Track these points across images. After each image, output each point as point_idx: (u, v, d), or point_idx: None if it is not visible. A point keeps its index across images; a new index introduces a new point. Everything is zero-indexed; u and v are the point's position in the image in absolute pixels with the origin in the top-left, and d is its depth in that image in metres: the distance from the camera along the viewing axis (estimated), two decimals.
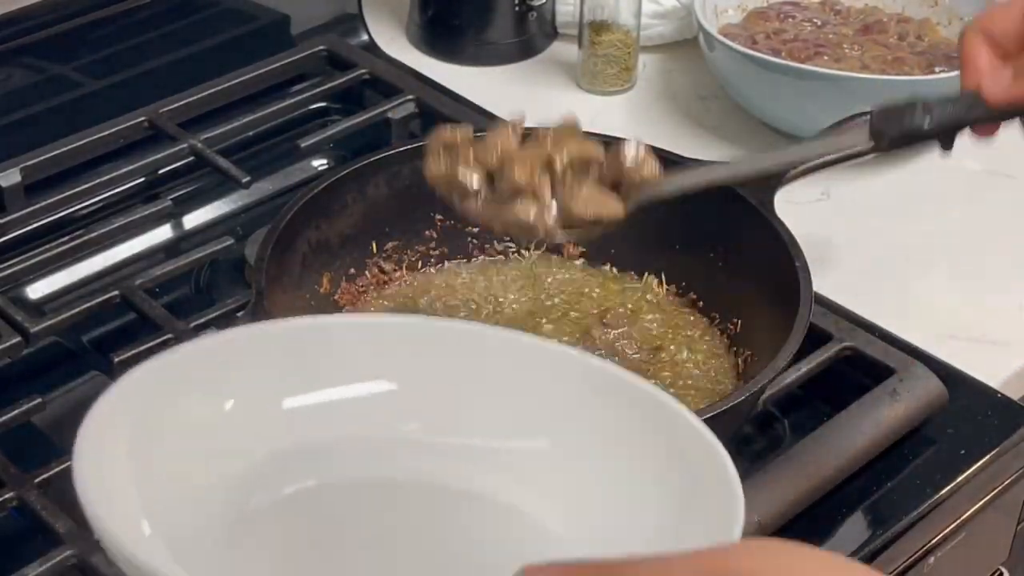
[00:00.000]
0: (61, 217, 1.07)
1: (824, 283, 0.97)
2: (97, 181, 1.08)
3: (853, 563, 0.56)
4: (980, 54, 0.80)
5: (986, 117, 0.80)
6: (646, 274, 1.02)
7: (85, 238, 1.03)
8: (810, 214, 0.97)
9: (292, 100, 1.18)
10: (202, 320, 0.96)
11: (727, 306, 0.97)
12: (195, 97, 1.16)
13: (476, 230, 1.03)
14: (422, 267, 1.02)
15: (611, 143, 0.85)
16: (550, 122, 0.86)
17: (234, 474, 0.70)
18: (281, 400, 0.72)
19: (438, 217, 1.02)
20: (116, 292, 0.98)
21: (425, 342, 0.75)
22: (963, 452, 0.92)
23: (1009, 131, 0.95)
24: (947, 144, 0.84)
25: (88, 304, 0.97)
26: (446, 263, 1.03)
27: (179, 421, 0.69)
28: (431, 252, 1.02)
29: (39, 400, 0.90)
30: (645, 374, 0.94)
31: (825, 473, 0.87)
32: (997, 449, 0.92)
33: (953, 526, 0.92)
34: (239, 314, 0.88)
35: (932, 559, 0.91)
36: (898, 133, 0.82)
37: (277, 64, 1.21)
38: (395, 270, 1.01)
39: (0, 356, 0.94)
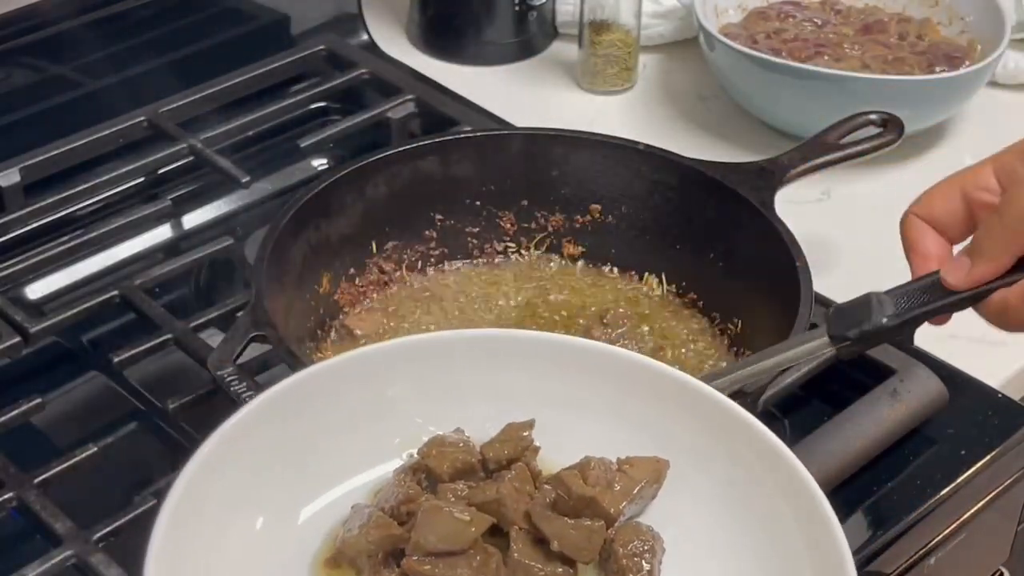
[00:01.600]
0: (61, 217, 1.06)
1: (824, 283, 0.97)
2: (97, 181, 1.08)
3: None
4: (926, 240, 0.77)
5: (949, 306, 0.75)
6: (646, 274, 1.02)
7: (85, 238, 1.03)
8: (810, 214, 0.97)
9: (292, 100, 1.18)
10: (202, 320, 0.96)
11: (727, 306, 0.97)
12: (195, 97, 1.15)
13: (476, 230, 1.03)
14: (422, 267, 1.02)
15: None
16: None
17: None
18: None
19: (438, 217, 1.02)
20: (116, 292, 0.98)
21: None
22: (963, 452, 0.92)
23: (1010, 130, 0.96)
24: (908, 339, 0.79)
25: (88, 304, 0.97)
26: (446, 263, 1.03)
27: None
28: (431, 252, 1.02)
29: (39, 400, 0.90)
30: None
31: (825, 473, 0.86)
32: (997, 449, 0.92)
33: (953, 526, 0.92)
34: (239, 314, 0.88)
35: (932, 559, 0.91)
36: (856, 334, 0.76)
37: (277, 64, 1.21)
38: (395, 270, 1.01)
39: (0, 356, 0.94)
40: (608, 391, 0.75)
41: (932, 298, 0.75)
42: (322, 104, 1.21)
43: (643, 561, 0.69)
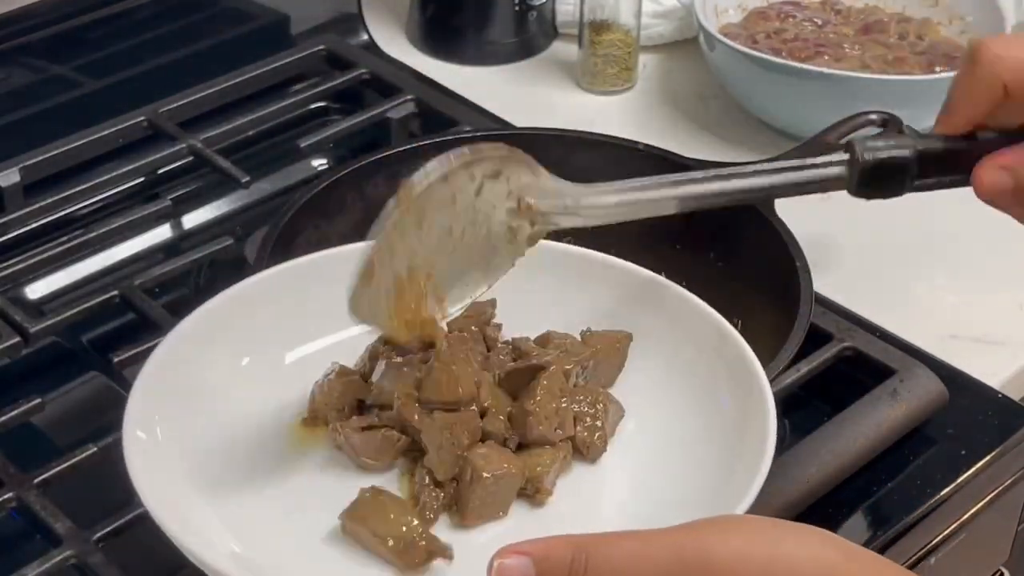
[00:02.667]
0: (60, 217, 1.06)
1: (824, 283, 0.97)
2: (97, 181, 1.08)
3: (829, 537, 0.56)
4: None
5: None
6: None
7: (84, 238, 1.03)
8: (810, 214, 0.97)
9: (292, 100, 1.18)
10: None
11: (727, 306, 0.97)
12: (195, 97, 1.15)
13: None
14: None
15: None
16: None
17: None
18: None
19: None
20: (115, 292, 0.98)
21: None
22: (963, 452, 0.92)
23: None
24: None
25: (87, 304, 0.97)
26: None
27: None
28: None
29: (38, 400, 0.90)
30: None
31: (825, 473, 0.87)
32: (997, 449, 0.92)
33: (954, 526, 0.92)
34: None
35: (933, 559, 0.91)
36: (873, 157, 0.73)
37: (277, 64, 1.21)
38: None
39: (0, 356, 0.94)
40: (569, 283, 0.82)
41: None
42: (322, 104, 1.21)
43: (593, 417, 0.74)
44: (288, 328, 0.80)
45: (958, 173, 0.74)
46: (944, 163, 0.74)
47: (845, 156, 0.75)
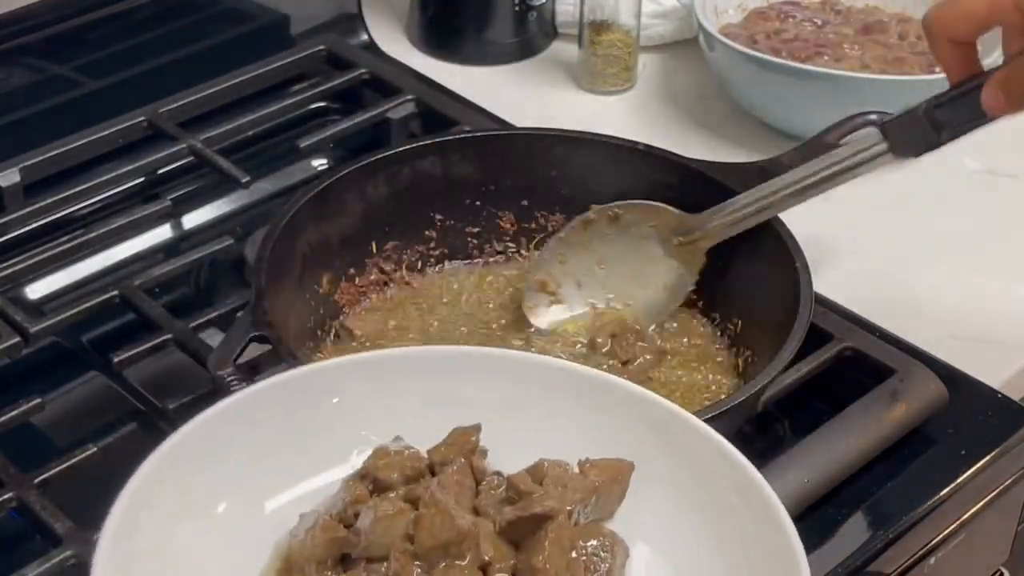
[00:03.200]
0: (61, 217, 1.06)
1: (824, 283, 0.97)
2: (97, 181, 1.08)
3: None
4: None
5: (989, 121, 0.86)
6: None
7: (84, 238, 1.03)
8: (810, 214, 0.97)
9: (292, 100, 1.18)
10: (202, 320, 0.96)
11: (727, 306, 0.97)
12: (195, 97, 1.15)
13: (476, 230, 1.03)
14: (422, 267, 1.02)
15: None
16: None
17: None
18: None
19: (438, 217, 1.02)
20: (116, 292, 0.98)
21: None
22: (963, 452, 0.92)
23: (1010, 130, 0.96)
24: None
25: (87, 304, 0.97)
26: (446, 263, 1.03)
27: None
28: (431, 252, 1.02)
29: (39, 400, 0.90)
30: (645, 374, 0.94)
31: (825, 473, 0.86)
32: (997, 449, 0.92)
33: (953, 526, 0.92)
34: (239, 314, 0.88)
35: (933, 559, 0.91)
36: (920, 149, 0.89)
37: (277, 64, 1.21)
38: (395, 270, 1.01)
39: (0, 356, 0.94)
40: (558, 403, 0.75)
41: (979, 115, 0.86)
42: (322, 104, 1.21)
43: (601, 562, 0.69)
44: (269, 468, 0.73)
45: (969, 108, 0.86)
46: (955, 103, 0.87)
47: (880, 136, 0.91)
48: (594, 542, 0.69)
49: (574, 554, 0.68)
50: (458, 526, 0.66)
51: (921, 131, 0.88)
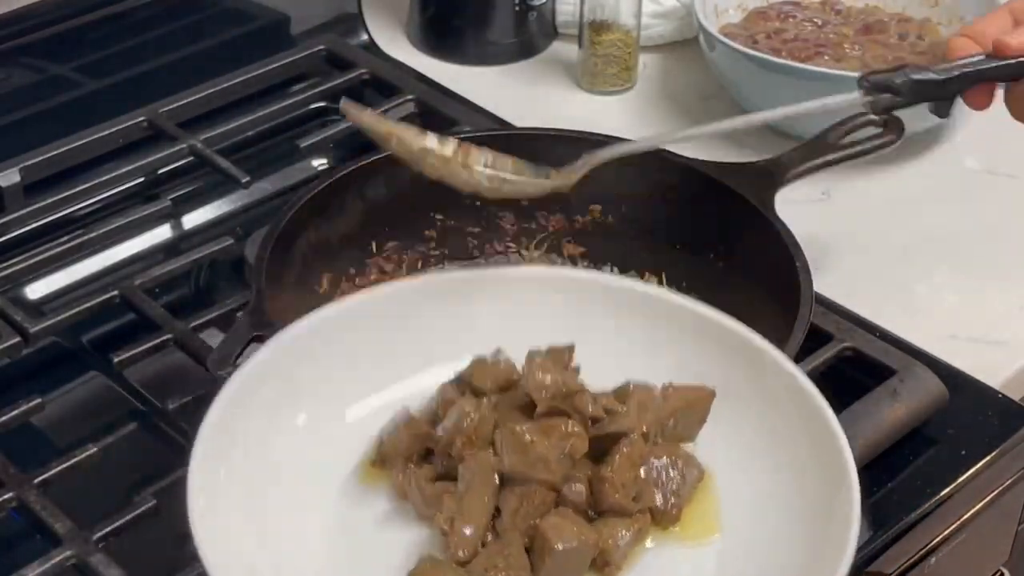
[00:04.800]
0: (61, 217, 1.06)
1: (824, 283, 0.97)
2: (97, 181, 1.08)
3: None
4: (971, 49, 0.84)
5: (994, 71, 0.81)
6: (646, 274, 1.01)
7: (85, 238, 1.03)
8: (810, 214, 0.97)
9: (292, 100, 1.18)
10: (201, 320, 0.96)
11: (727, 306, 0.97)
12: (195, 97, 1.15)
13: (476, 230, 1.03)
14: (422, 267, 1.02)
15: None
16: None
17: None
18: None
19: (438, 217, 1.02)
20: (116, 292, 0.98)
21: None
22: (963, 452, 0.92)
23: (1010, 130, 0.96)
24: (946, 106, 0.86)
25: (88, 304, 0.97)
26: (446, 263, 1.03)
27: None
28: (431, 252, 1.02)
29: (39, 400, 0.90)
30: None
31: None
32: (997, 450, 0.92)
33: (954, 527, 0.92)
34: (239, 314, 0.88)
35: (933, 560, 0.91)
36: (903, 81, 0.82)
37: (277, 64, 1.21)
38: (395, 270, 1.01)
39: (0, 356, 0.94)
40: (653, 329, 0.79)
41: (980, 63, 0.81)
42: (322, 104, 1.20)
43: (670, 480, 0.72)
44: (346, 379, 0.78)
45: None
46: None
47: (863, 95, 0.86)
48: (665, 460, 0.72)
49: (643, 469, 0.71)
50: (549, 470, 0.70)
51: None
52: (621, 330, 0.79)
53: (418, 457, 0.73)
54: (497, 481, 0.70)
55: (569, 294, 0.80)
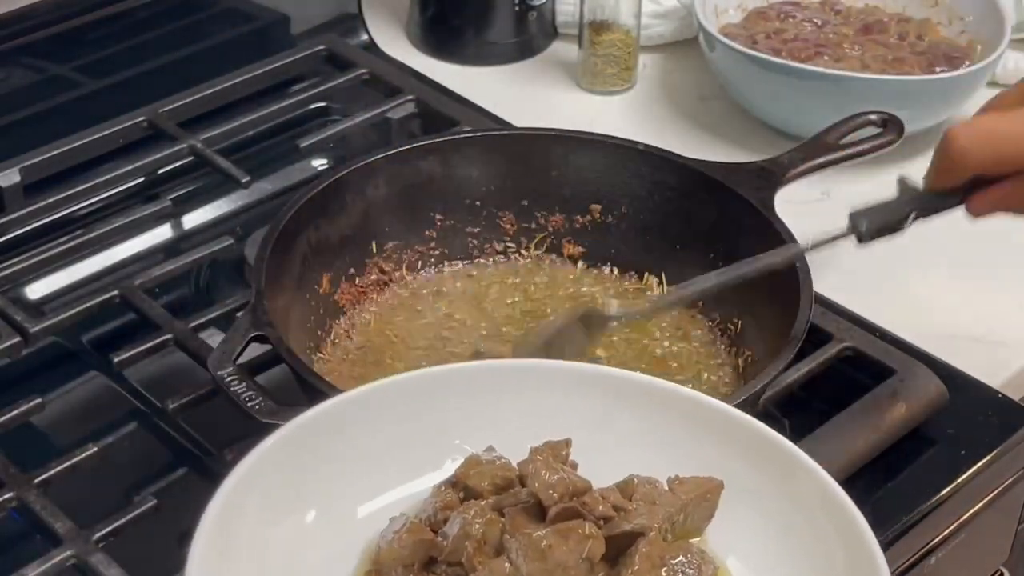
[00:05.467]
0: (61, 217, 1.06)
1: (824, 283, 0.97)
2: (97, 181, 1.08)
3: None
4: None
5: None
6: (646, 274, 1.02)
7: (85, 238, 1.03)
8: (810, 214, 0.96)
9: (292, 100, 1.18)
10: (202, 320, 0.96)
11: (727, 306, 0.97)
12: (195, 97, 1.15)
13: (476, 230, 1.03)
14: (422, 267, 1.02)
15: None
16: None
17: None
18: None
19: (438, 217, 1.02)
20: (116, 292, 0.98)
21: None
22: (963, 452, 0.92)
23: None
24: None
25: (88, 304, 0.97)
26: (446, 263, 1.03)
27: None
28: (431, 252, 1.02)
29: (39, 400, 0.90)
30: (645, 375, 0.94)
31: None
32: (997, 449, 0.92)
33: (953, 526, 0.92)
34: (239, 314, 0.88)
35: (933, 559, 0.91)
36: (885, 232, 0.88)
37: (277, 64, 1.20)
38: (395, 270, 1.01)
39: (0, 356, 0.94)
40: (647, 420, 0.76)
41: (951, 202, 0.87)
42: (322, 104, 1.21)
43: None
44: (359, 474, 0.74)
45: (950, 208, 0.89)
46: (936, 208, 0.89)
47: (848, 231, 0.89)
48: (682, 558, 0.70)
49: (663, 570, 0.69)
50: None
51: (896, 230, 0.89)
52: (619, 421, 0.76)
53: (420, 566, 0.70)
54: None
55: (566, 386, 0.77)
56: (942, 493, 0.89)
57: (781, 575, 0.71)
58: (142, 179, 1.10)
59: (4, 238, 1.03)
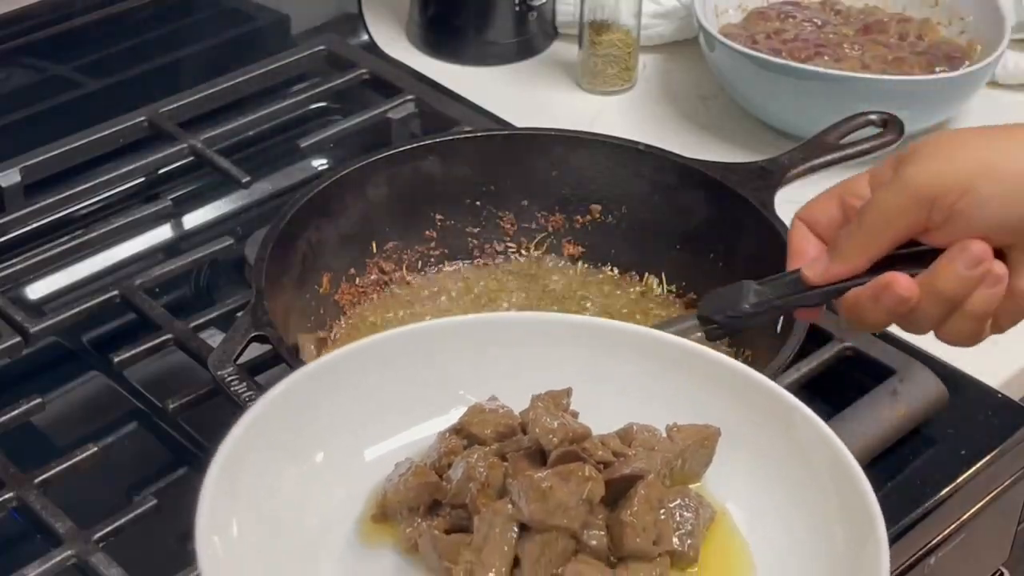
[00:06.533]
0: (61, 217, 1.07)
1: None
2: (97, 181, 1.08)
3: None
4: (806, 242, 0.79)
5: (806, 299, 0.78)
6: (646, 274, 1.02)
7: (85, 238, 1.03)
8: None
9: (292, 100, 1.18)
10: (202, 320, 0.96)
11: None
12: (195, 97, 1.15)
13: (476, 230, 1.03)
14: (422, 267, 1.02)
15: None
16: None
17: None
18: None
19: (438, 217, 1.02)
20: (116, 292, 0.98)
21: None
22: (963, 452, 0.92)
23: None
24: (771, 325, 0.87)
25: (88, 304, 0.97)
26: (446, 263, 1.03)
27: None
28: (431, 252, 1.02)
29: (39, 400, 0.90)
30: None
31: None
32: (997, 449, 0.92)
33: (953, 526, 0.92)
34: (239, 314, 0.88)
35: (933, 559, 0.91)
36: (723, 317, 0.80)
37: (277, 64, 1.21)
38: (395, 270, 1.01)
39: (0, 356, 0.94)
40: (647, 371, 0.77)
41: (794, 291, 0.78)
42: (322, 104, 1.21)
43: (685, 521, 0.71)
44: (366, 420, 0.75)
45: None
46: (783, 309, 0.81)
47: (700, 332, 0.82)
48: (680, 501, 0.71)
49: (662, 512, 0.70)
50: (565, 519, 0.68)
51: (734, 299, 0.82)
52: (619, 371, 0.77)
53: (425, 509, 0.71)
54: (516, 530, 0.69)
55: (568, 338, 0.78)
56: (942, 493, 0.89)
57: (778, 519, 0.72)
58: (142, 179, 1.10)
59: (4, 238, 1.04)
